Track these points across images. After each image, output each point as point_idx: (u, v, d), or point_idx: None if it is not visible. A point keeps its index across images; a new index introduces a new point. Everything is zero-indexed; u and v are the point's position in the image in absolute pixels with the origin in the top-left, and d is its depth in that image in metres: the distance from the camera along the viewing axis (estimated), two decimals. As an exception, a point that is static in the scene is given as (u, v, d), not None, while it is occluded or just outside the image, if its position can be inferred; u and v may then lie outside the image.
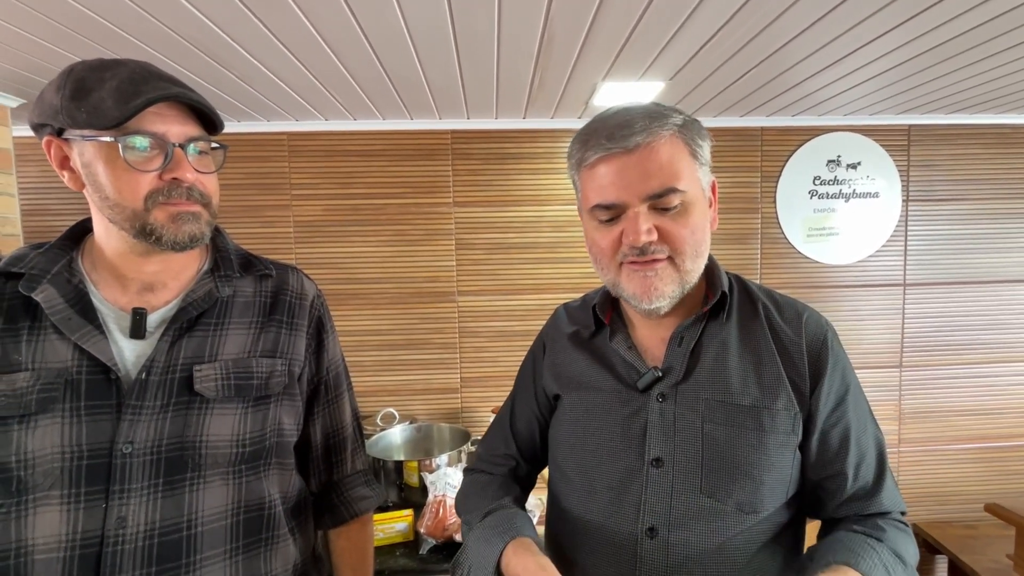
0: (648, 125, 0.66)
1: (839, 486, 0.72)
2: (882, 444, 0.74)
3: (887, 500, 0.72)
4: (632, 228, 0.67)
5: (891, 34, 1.39)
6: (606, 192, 0.68)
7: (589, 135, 0.70)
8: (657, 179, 0.66)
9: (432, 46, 1.40)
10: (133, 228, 0.70)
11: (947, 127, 2.19)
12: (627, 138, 0.66)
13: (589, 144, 0.69)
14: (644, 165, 0.66)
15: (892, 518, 0.72)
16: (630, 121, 0.67)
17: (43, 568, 0.66)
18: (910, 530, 0.72)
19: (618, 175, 0.67)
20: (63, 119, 0.67)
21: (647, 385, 0.73)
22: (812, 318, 0.75)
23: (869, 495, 0.72)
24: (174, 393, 0.73)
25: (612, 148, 0.67)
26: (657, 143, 0.66)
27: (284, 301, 0.86)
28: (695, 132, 0.70)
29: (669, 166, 0.66)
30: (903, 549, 0.68)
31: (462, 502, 0.89)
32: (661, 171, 0.66)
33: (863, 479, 0.72)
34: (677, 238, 0.67)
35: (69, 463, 0.67)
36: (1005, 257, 2.25)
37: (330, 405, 0.92)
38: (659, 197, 0.67)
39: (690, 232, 0.68)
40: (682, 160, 0.68)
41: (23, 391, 0.67)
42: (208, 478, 0.74)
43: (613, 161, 0.67)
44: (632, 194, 0.67)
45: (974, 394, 2.27)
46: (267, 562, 0.78)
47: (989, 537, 2.12)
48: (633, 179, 0.66)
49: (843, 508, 0.73)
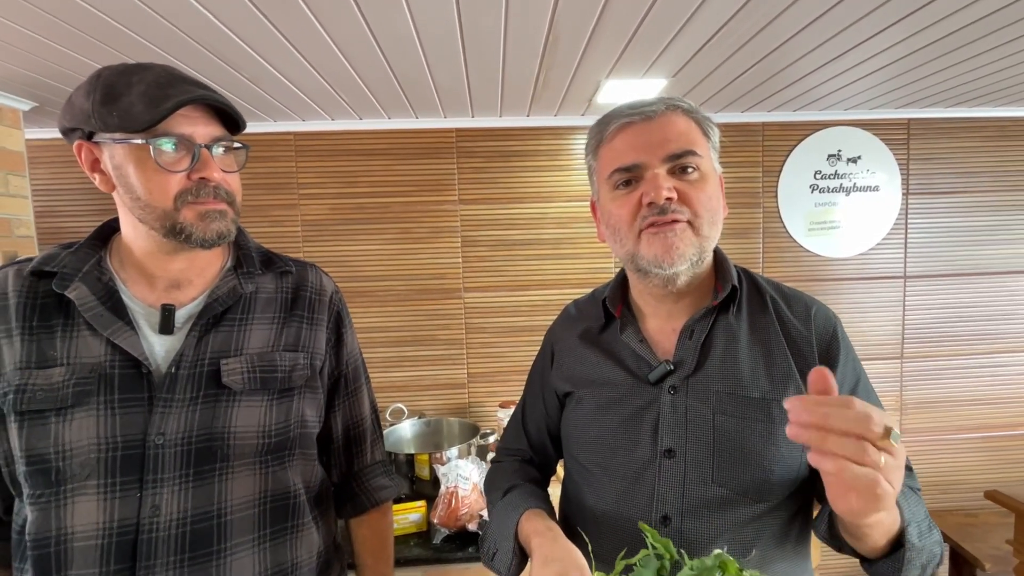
0: (665, 101, 0.73)
1: None
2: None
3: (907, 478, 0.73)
4: (653, 186, 0.69)
5: (891, 29, 1.41)
6: (624, 156, 0.72)
7: (609, 115, 0.75)
8: (676, 142, 0.70)
9: (440, 48, 1.43)
10: (163, 227, 0.73)
11: (946, 120, 2.21)
12: (646, 107, 0.72)
13: (609, 122, 0.74)
14: (663, 130, 0.71)
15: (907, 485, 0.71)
16: (647, 100, 0.73)
17: (81, 554, 0.69)
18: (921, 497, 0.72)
19: (638, 138, 0.71)
20: (95, 123, 0.69)
21: (659, 378, 0.75)
22: (821, 311, 0.77)
23: None
24: (202, 386, 0.75)
25: (632, 116, 0.72)
26: (674, 114, 0.72)
27: (304, 297, 0.88)
28: (705, 119, 0.75)
29: (687, 133, 0.71)
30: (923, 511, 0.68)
31: (487, 486, 0.94)
32: (680, 136, 0.70)
33: None
34: (696, 200, 0.70)
35: (105, 454, 0.70)
36: (1005, 248, 2.28)
37: (350, 398, 0.95)
38: (678, 158, 0.70)
39: (707, 198, 0.71)
40: (697, 134, 0.73)
41: (59, 385, 0.70)
42: (236, 468, 0.76)
43: (633, 128, 0.72)
44: (652, 155, 0.70)
45: (975, 384, 2.30)
46: (293, 549, 0.81)
47: (989, 525, 2.15)
48: (653, 142, 0.70)
49: None
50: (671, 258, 0.70)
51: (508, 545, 0.77)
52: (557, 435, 0.92)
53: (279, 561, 0.79)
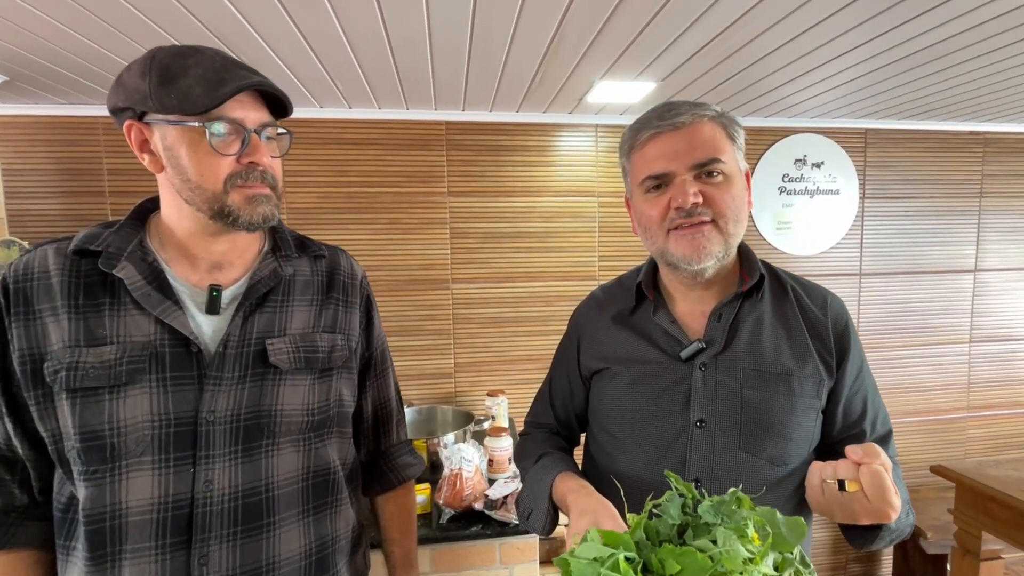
0: (692, 109, 0.78)
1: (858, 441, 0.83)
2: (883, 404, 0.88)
3: (892, 449, 0.86)
4: (680, 192, 0.76)
5: (856, 49, 1.56)
6: (655, 164, 0.79)
7: (641, 123, 0.81)
8: (702, 151, 0.76)
9: (447, 45, 1.46)
10: (211, 209, 0.74)
11: (899, 131, 2.41)
12: (675, 117, 0.77)
13: (641, 129, 0.80)
14: (690, 139, 0.77)
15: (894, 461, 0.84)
16: (677, 107, 0.79)
17: (137, 529, 0.70)
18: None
19: (667, 149, 0.78)
20: (152, 104, 0.70)
21: (690, 355, 0.83)
22: (836, 302, 0.87)
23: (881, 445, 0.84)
24: (250, 365, 0.77)
25: (662, 126, 0.78)
26: (701, 123, 0.78)
27: (339, 280, 0.91)
28: (731, 121, 0.81)
29: (712, 141, 0.77)
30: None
31: (519, 455, 1.00)
32: (705, 144, 0.77)
33: (877, 432, 0.85)
34: (720, 202, 0.77)
35: (159, 430, 0.71)
36: (950, 250, 2.51)
37: (379, 379, 0.98)
38: (703, 166, 0.77)
39: (731, 198, 0.78)
40: (723, 139, 0.79)
41: (112, 363, 0.71)
42: (281, 445, 0.79)
43: (662, 137, 0.78)
44: (680, 164, 0.77)
45: (920, 372, 2.53)
46: (332, 523, 0.84)
47: (929, 499, 2.37)
48: (681, 151, 0.77)
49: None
50: (699, 256, 0.78)
51: (543, 505, 0.83)
52: (580, 413, 0.98)
53: (322, 534, 0.82)
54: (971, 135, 2.45)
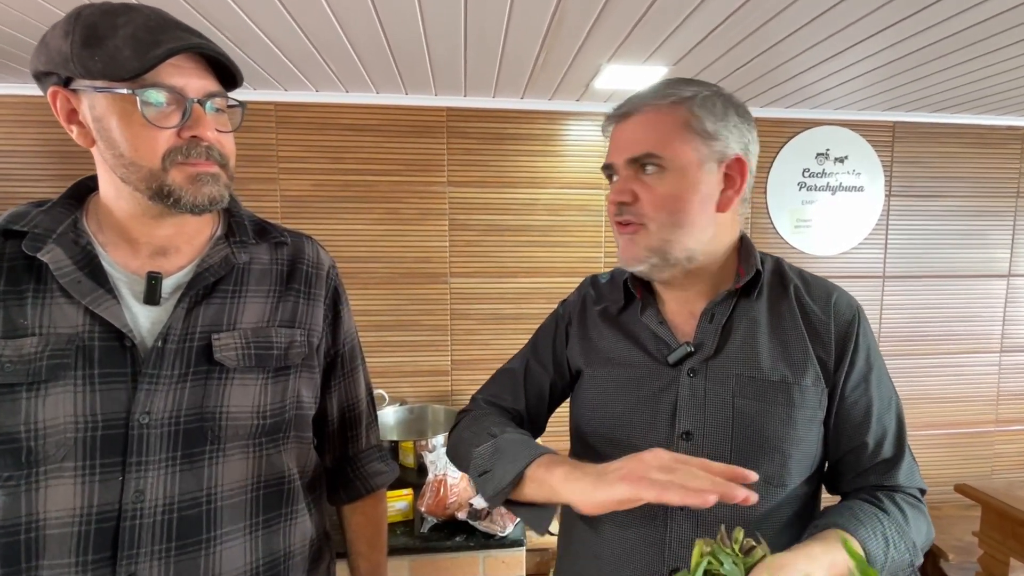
0: (649, 97, 0.72)
1: (858, 459, 0.74)
2: (903, 424, 0.76)
3: (903, 476, 0.73)
4: (613, 188, 0.74)
5: (883, 33, 1.43)
6: (608, 155, 0.76)
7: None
8: (638, 145, 0.71)
9: (441, 17, 1.37)
10: (149, 189, 0.66)
11: (930, 125, 2.27)
12: (624, 107, 0.74)
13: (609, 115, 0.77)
14: (631, 131, 0.72)
15: (907, 492, 0.73)
16: (638, 94, 0.74)
17: (56, 543, 0.63)
18: (924, 508, 0.73)
19: (614, 141, 0.75)
20: (74, 68, 0.62)
21: (678, 360, 0.74)
22: (842, 298, 0.76)
23: (886, 469, 0.74)
24: (192, 362, 0.69)
25: (612, 116, 0.76)
26: (648, 113, 0.71)
27: (301, 270, 0.83)
28: (702, 106, 0.70)
29: (654, 134, 0.70)
30: (912, 525, 0.69)
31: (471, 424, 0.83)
32: (645, 138, 0.71)
33: (883, 454, 0.73)
34: (647, 202, 0.71)
35: (83, 433, 0.64)
36: (981, 253, 2.36)
37: (346, 379, 0.90)
38: (636, 161, 0.71)
39: (662, 199, 0.70)
40: (672, 129, 0.70)
41: (31, 357, 0.63)
42: (228, 451, 0.71)
43: (616, 127, 0.75)
44: (618, 156, 0.73)
45: (944, 383, 2.39)
46: (286, 537, 0.76)
47: (952, 518, 2.24)
48: (621, 143, 0.73)
49: (859, 479, 0.75)
50: (627, 259, 0.74)
51: (512, 468, 0.67)
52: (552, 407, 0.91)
53: (272, 550, 0.74)
54: (1009, 130, 2.29)
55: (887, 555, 0.66)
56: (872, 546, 0.65)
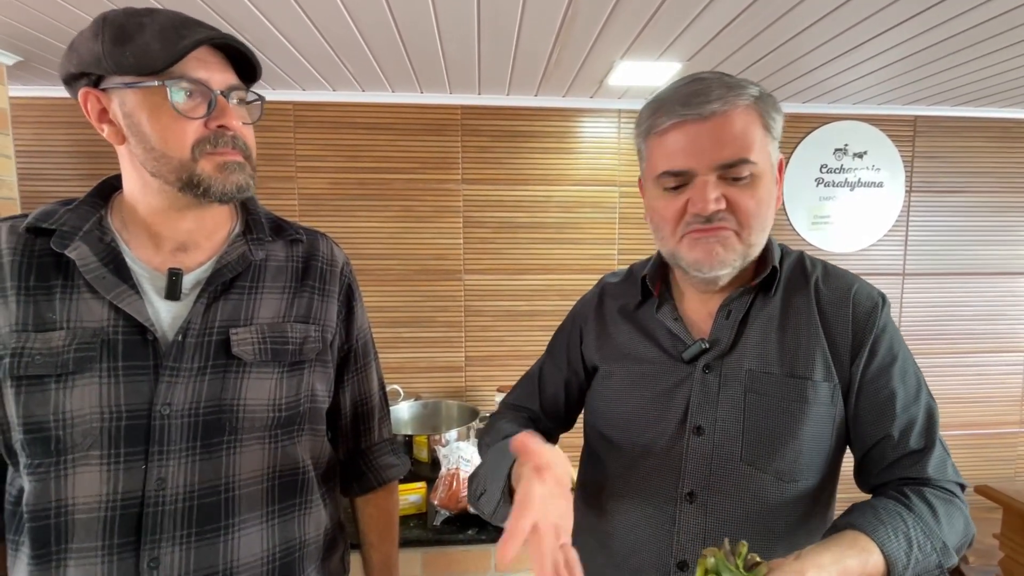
0: (725, 94, 0.65)
1: (883, 452, 0.71)
2: (934, 416, 0.73)
3: (933, 468, 0.68)
4: (700, 196, 0.66)
5: (902, 26, 1.41)
6: (675, 159, 0.68)
7: (662, 102, 0.69)
8: (730, 148, 0.65)
9: (455, 16, 1.38)
10: (179, 180, 0.68)
11: (952, 119, 2.21)
12: (703, 105, 0.65)
13: (661, 110, 0.68)
14: (718, 133, 0.65)
15: (939, 487, 0.67)
16: (706, 89, 0.66)
17: (84, 527, 0.65)
18: (961, 504, 0.68)
19: (690, 142, 0.66)
20: (107, 65, 0.65)
21: (693, 356, 0.74)
22: (863, 290, 0.74)
23: (913, 462, 0.69)
24: (211, 356, 0.72)
25: (686, 115, 0.66)
26: (733, 112, 0.66)
27: (316, 267, 0.85)
28: (770, 105, 0.69)
29: (743, 136, 0.66)
30: (944, 523, 0.64)
31: (486, 434, 0.90)
32: (735, 141, 0.65)
33: (910, 446, 0.70)
34: (744, 210, 0.67)
35: (108, 423, 0.66)
36: (1003, 250, 2.30)
37: (359, 373, 0.92)
38: (730, 167, 0.66)
39: (756, 204, 0.67)
40: (756, 132, 0.67)
41: (59, 350, 0.66)
42: (245, 442, 0.73)
43: (686, 128, 0.67)
44: (703, 162, 0.66)
45: (965, 382, 2.34)
46: (301, 527, 0.79)
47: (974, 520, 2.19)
48: (705, 147, 0.66)
49: (886, 473, 0.71)
50: (711, 264, 0.69)
51: (498, 485, 0.70)
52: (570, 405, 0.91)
53: (287, 538, 0.77)
54: (1035, 124, 2.23)
55: (910, 557, 0.61)
56: (892, 548, 0.60)
